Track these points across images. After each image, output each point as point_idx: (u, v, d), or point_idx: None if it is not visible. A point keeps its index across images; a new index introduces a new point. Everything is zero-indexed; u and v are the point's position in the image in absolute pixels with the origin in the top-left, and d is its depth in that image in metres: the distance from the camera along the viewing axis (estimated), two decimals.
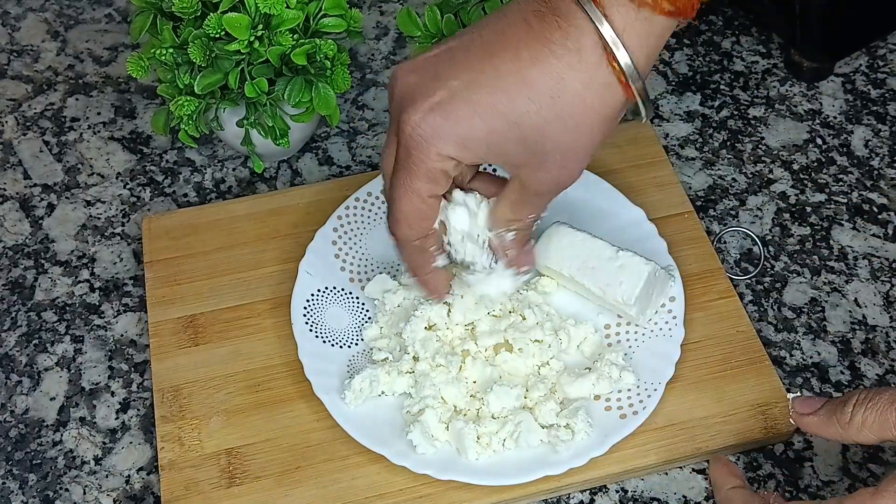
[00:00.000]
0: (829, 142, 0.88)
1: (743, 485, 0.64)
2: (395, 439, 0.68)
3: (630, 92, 0.56)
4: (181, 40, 0.76)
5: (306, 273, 0.76)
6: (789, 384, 0.74)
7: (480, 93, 0.56)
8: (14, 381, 0.76)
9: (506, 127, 0.57)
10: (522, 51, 0.56)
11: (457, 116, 0.57)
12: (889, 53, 0.94)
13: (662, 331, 0.72)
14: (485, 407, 0.69)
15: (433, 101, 0.57)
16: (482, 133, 0.57)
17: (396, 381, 0.71)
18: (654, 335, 0.72)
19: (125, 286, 0.81)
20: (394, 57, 0.95)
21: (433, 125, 0.57)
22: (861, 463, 0.71)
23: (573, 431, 0.67)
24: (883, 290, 0.79)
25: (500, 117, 0.56)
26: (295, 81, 0.76)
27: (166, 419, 0.71)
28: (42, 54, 0.97)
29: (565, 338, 0.72)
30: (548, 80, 0.56)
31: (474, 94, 0.56)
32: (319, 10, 0.77)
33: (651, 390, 0.69)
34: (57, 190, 0.87)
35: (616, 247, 0.72)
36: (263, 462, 0.70)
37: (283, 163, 0.88)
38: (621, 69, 0.55)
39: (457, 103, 0.57)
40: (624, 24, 0.55)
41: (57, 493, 0.71)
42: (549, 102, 0.56)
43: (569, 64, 0.55)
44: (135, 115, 0.92)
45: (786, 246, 0.81)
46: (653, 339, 0.72)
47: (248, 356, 0.74)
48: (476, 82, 0.56)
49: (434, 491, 0.68)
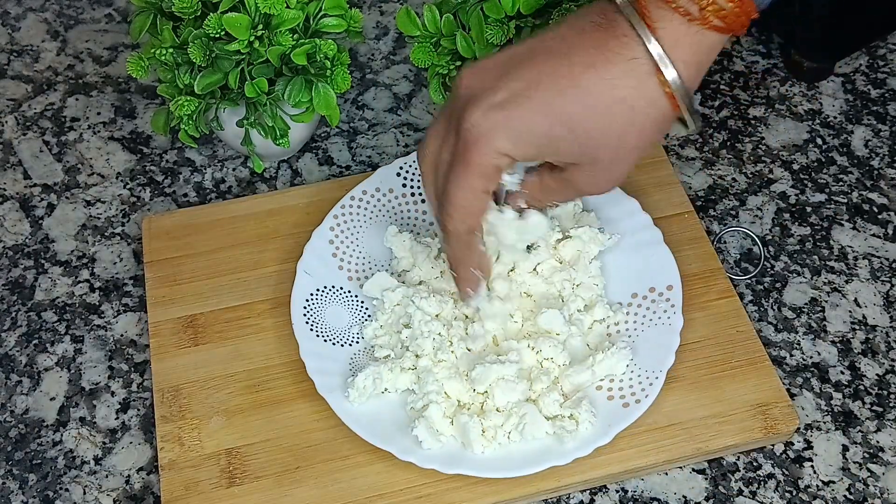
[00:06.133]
0: (829, 142, 0.88)
1: None
2: (400, 436, 0.68)
3: (676, 106, 0.58)
4: (181, 40, 0.76)
5: (305, 273, 0.76)
6: (789, 384, 0.74)
7: (539, 94, 0.59)
8: (14, 381, 0.76)
9: (560, 127, 0.59)
10: (580, 57, 0.58)
11: (515, 115, 0.59)
12: (889, 53, 0.94)
13: (661, 319, 0.72)
14: (489, 400, 0.69)
15: (494, 101, 0.59)
16: (538, 131, 0.59)
17: (399, 378, 0.71)
18: (653, 324, 0.73)
19: (125, 286, 0.81)
20: (394, 57, 0.95)
21: (493, 122, 0.59)
22: (861, 463, 0.71)
23: (577, 422, 0.68)
24: (883, 290, 0.79)
25: (555, 118, 0.59)
26: (295, 81, 0.76)
27: (166, 419, 0.71)
28: (42, 54, 0.97)
29: (576, 327, 0.72)
30: (601, 87, 0.58)
31: (533, 95, 0.59)
32: (319, 10, 0.77)
33: (653, 378, 0.69)
34: (57, 190, 0.87)
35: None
36: (263, 462, 0.70)
37: (283, 163, 0.88)
38: (668, 84, 0.58)
39: (516, 102, 0.59)
40: (674, 38, 0.57)
41: (57, 493, 0.71)
42: (601, 109, 0.58)
43: (622, 73, 0.58)
44: (135, 115, 0.92)
45: (786, 246, 0.81)
46: (652, 327, 0.72)
47: (248, 356, 0.74)
48: (536, 84, 0.59)
49: (434, 491, 0.68)
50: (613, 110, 0.58)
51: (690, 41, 0.57)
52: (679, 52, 0.57)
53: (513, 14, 0.75)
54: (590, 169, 0.62)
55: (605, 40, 0.58)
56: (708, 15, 0.57)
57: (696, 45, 0.58)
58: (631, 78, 0.58)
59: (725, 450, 0.70)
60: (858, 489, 0.70)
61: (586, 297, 0.74)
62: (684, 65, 0.58)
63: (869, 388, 0.74)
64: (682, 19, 0.57)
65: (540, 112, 0.59)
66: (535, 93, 0.59)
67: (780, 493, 0.70)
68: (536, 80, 0.59)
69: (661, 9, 0.57)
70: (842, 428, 0.72)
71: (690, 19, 0.57)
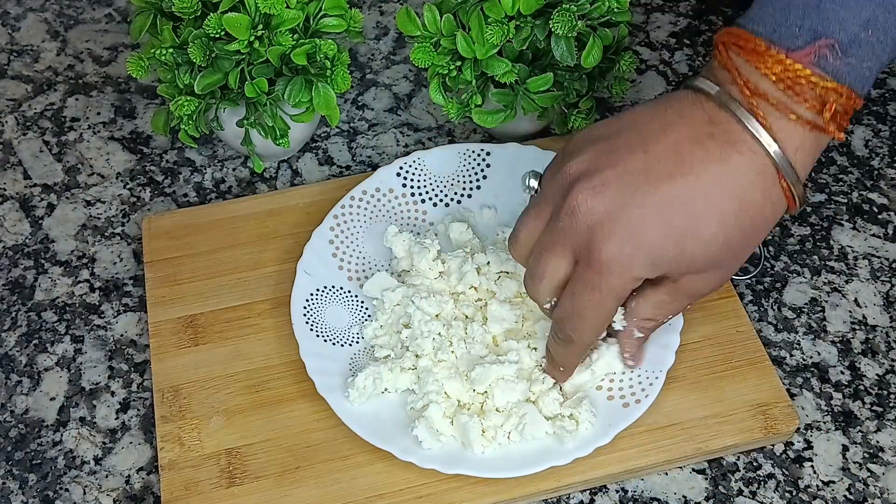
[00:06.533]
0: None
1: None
2: (401, 436, 0.68)
3: (794, 205, 0.61)
4: (181, 40, 0.76)
5: (305, 273, 0.76)
6: (789, 384, 0.74)
7: (672, 215, 0.59)
8: (14, 381, 0.76)
9: (696, 246, 0.60)
10: (704, 174, 0.59)
11: (651, 242, 0.59)
12: None
13: None
14: (489, 400, 0.69)
15: (625, 226, 0.59)
16: (674, 254, 0.60)
17: (399, 378, 0.71)
18: None
19: (125, 286, 0.81)
20: (394, 57, 0.95)
21: (629, 255, 0.60)
22: (861, 463, 0.71)
23: (577, 422, 0.68)
24: (883, 290, 0.79)
25: (692, 239, 0.60)
26: (295, 81, 0.76)
27: (166, 419, 0.71)
28: (42, 54, 0.97)
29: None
30: (732, 202, 0.59)
31: (666, 216, 0.59)
32: (319, 10, 0.77)
33: (653, 378, 0.69)
34: (57, 190, 0.87)
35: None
36: (263, 462, 0.70)
37: (283, 163, 0.88)
38: (790, 187, 0.59)
39: (649, 227, 0.59)
40: (795, 145, 0.59)
41: (57, 493, 0.71)
42: (733, 222, 0.60)
43: (750, 183, 0.59)
44: (135, 115, 0.92)
45: (786, 246, 0.81)
46: None
47: (248, 356, 0.74)
48: (666, 204, 0.59)
49: (434, 491, 0.68)
50: (744, 219, 0.60)
51: (809, 146, 0.59)
52: (800, 156, 0.59)
53: (513, 14, 0.75)
54: (708, 273, 0.62)
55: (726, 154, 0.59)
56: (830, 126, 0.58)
57: (813, 148, 0.59)
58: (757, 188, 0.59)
59: (725, 450, 0.70)
60: (858, 489, 0.70)
61: None
62: (803, 167, 0.59)
63: (869, 388, 0.74)
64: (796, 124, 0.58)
65: (675, 236, 0.59)
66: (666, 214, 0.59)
67: (780, 493, 0.70)
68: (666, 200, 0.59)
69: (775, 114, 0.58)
70: (842, 428, 0.72)
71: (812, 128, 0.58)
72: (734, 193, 0.59)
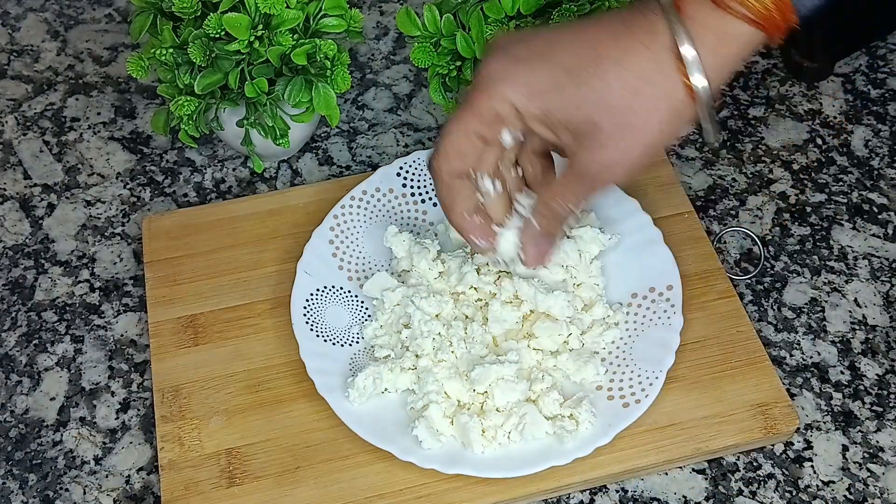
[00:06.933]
0: (829, 142, 0.88)
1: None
2: (400, 436, 0.68)
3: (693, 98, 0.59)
4: (181, 40, 0.76)
5: (305, 273, 0.76)
6: (789, 384, 0.74)
7: (560, 55, 0.60)
8: (14, 381, 0.76)
9: (574, 90, 0.59)
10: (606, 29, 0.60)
11: (530, 67, 0.60)
12: (889, 53, 0.94)
13: (661, 319, 0.72)
14: (489, 400, 0.69)
15: (515, 54, 0.61)
16: (548, 87, 0.60)
17: (399, 378, 0.71)
18: (653, 324, 0.73)
19: (125, 286, 0.81)
20: (394, 57, 0.95)
21: (506, 69, 0.61)
22: (861, 463, 0.71)
23: (577, 422, 0.68)
24: (883, 290, 0.79)
25: (572, 80, 0.59)
26: (295, 81, 0.76)
27: (166, 419, 0.71)
28: (42, 54, 0.97)
29: (576, 327, 0.72)
30: (620, 71, 0.59)
31: (554, 55, 0.60)
32: (319, 10, 0.77)
33: (653, 378, 0.69)
34: (57, 190, 0.87)
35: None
36: (263, 462, 0.70)
37: (283, 163, 0.88)
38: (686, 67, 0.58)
39: (535, 58, 0.60)
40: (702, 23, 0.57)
41: (57, 493, 0.71)
42: (615, 84, 0.59)
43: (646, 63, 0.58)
44: (135, 115, 0.92)
45: (786, 246, 0.81)
46: (652, 327, 0.72)
47: (248, 356, 0.74)
48: (555, 45, 0.61)
49: (434, 491, 0.68)
50: (625, 76, 0.59)
51: (716, 24, 0.57)
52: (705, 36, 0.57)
53: (513, 14, 0.76)
54: (598, 147, 0.60)
55: (633, 18, 0.59)
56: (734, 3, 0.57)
57: (722, 33, 0.57)
58: (649, 52, 0.58)
59: (725, 450, 0.70)
60: (858, 489, 0.70)
61: (586, 297, 0.74)
62: (709, 52, 0.57)
63: (869, 388, 0.74)
64: (711, 6, 0.57)
65: (555, 71, 0.60)
66: (555, 54, 0.60)
67: (780, 493, 0.70)
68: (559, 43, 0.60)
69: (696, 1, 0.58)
70: (842, 428, 0.72)
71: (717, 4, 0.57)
72: (624, 64, 0.59)
